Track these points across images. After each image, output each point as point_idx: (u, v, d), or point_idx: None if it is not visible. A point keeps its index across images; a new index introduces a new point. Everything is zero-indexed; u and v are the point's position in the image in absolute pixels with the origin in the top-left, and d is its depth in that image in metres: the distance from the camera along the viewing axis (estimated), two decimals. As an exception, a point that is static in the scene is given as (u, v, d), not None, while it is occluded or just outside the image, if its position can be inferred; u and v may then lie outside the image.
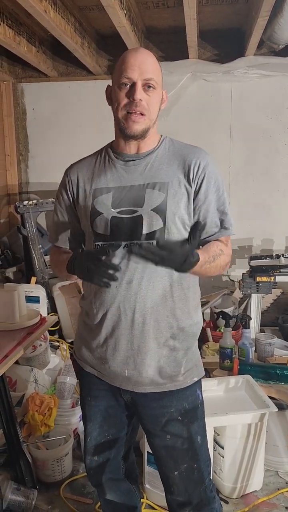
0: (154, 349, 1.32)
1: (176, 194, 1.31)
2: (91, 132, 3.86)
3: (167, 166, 1.34)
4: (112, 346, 1.35)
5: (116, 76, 1.32)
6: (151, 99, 1.30)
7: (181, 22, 3.02)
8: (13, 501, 1.96)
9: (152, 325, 1.31)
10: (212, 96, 3.80)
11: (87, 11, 3.24)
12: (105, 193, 1.35)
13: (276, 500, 2.08)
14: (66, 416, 2.42)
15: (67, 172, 1.47)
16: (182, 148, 1.38)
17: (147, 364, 1.33)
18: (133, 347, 1.32)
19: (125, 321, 1.32)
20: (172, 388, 1.35)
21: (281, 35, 3.13)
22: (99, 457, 1.52)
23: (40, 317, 2.08)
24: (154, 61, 1.32)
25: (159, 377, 1.34)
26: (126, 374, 1.35)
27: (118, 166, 1.37)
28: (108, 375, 1.39)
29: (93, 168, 1.41)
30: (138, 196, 1.31)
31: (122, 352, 1.34)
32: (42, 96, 4.02)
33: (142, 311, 1.31)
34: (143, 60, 1.29)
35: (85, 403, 1.51)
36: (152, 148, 1.37)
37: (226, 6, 3.18)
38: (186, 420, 1.37)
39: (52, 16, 2.69)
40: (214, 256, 1.31)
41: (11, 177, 4.09)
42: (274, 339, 2.76)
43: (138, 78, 1.28)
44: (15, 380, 2.49)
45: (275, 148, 3.80)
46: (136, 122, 1.29)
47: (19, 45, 3.16)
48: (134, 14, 3.18)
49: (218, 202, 1.36)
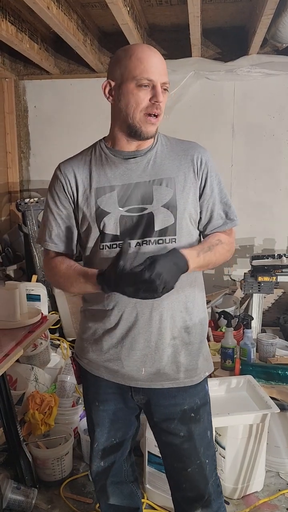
0: (170, 345, 1.34)
1: (184, 189, 1.32)
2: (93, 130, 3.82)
3: (170, 162, 1.34)
4: (128, 345, 1.33)
5: (129, 73, 1.24)
6: (163, 102, 1.29)
7: (184, 20, 3.00)
8: (13, 500, 1.95)
9: (168, 321, 1.33)
10: (214, 95, 3.78)
11: (90, 8, 3.22)
12: (108, 192, 1.32)
13: (277, 501, 2.07)
14: (67, 415, 2.41)
15: (62, 171, 1.37)
16: (179, 144, 1.39)
17: (164, 360, 1.34)
18: (150, 345, 1.33)
19: (142, 320, 1.31)
20: (189, 384, 1.36)
21: (285, 34, 3.11)
22: (105, 462, 1.50)
23: (41, 316, 2.07)
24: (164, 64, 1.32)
25: (176, 372, 1.35)
26: (143, 372, 1.34)
27: (118, 164, 1.33)
28: (122, 376, 1.36)
29: (89, 166, 1.36)
30: (146, 193, 1.31)
31: (139, 350, 1.33)
32: (44, 93, 4.00)
33: (159, 309, 1.31)
34: (159, 61, 1.27)
35: (91, 408, 1.47)
36: (150, 145, 1.36)
37: (229, 4, 3.16)
38: (198, 416, 1.39)
39: (55, 12, 2.67)
40: (209, 247, 1.33)
41: (12, 174, 4.08)
42: (275, 339, 2.74)
43: (158, 80, 1.25)
44: (16, 378, 2.48)
45: (277, 148, 3.78)
46: (153, 125, 1.29)
47: (21, 42, 3.14)
48: (137, 12, 3.16)
49: (221, 194, 1.39)
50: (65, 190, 1.36)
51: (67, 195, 1.37)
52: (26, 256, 3.38)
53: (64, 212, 1.38)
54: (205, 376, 1.41)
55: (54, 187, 1.38)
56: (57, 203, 1.38)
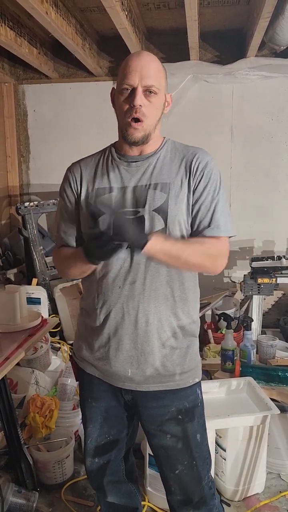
0: (157, 348, 1.34)
1: (178, 195, 1.32)
2: (92, 133, 3.87)
3: (169, 167, 1.35)
4: (115, 346, 1.35)
5: (118, 81, 1.33)
6: (152, 105, 1.30)
7: (183, 24, 3.02)
8: (14, 504, 1.95)
9: (155, 324, 1.33)
10: (213, 98, 3.80)
11: (88, 13, 3.24)
12: (107, 193, 1.36)
13: (278, 503, 2.07)
14: (67, 418, 2.41)
15: (71, 169, 1.46)
16: (183, 149, 1.39)
17: (150, 363, 1.34)
18: (137, 347, 1.34)
19: (128, 321, 1.33)
20: (174, 387, 1.37)
21: (282, 37, 3.12)
22: (99, 459, 1.52)
23: (41, 319, 2.08)
24: (157, 65, 1.32)
25: (162, 375, 1.35)
26: (129, 374, 1.35)
27: (121, 167, 1.38)
28: (110, 375, 1.39)
29: (95, 168, 1.42)
30: (141, 196, 1.33)
31: (125, 351, 1.34)
32: (43, 97, 4.02)
33: (146, 311, 1.32)
34: (145, 65, 1.28)
35: (85, 405, 1.51)
36: (154, 150, 1.38)
37: (227, 8, 3.18)
38: (186, 418, 1.39)
39: (54, 17, 2.69)
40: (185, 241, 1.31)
41: (12, 178, 4.09)
42: (275, 341, 2.75)
43: (139, 83, 1.27)
44: (16, 382, 2.48)
45: (276, 150, 3.79)
46: (136, 129, 1.30)
47: (20, 46, 3.16)
48: (135, 16, 3.18)
49: (212, 202, 1.34)
50: (71, 187, 1.44)
51: (73, 191, 1.44)
52: (26, 259, 3.39)
53: (70, 207, 1.45)
54: (194, 382, 1.41)
55: (63, 184, 1.48)
56: (65, 199, 1.47)
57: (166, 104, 1.38)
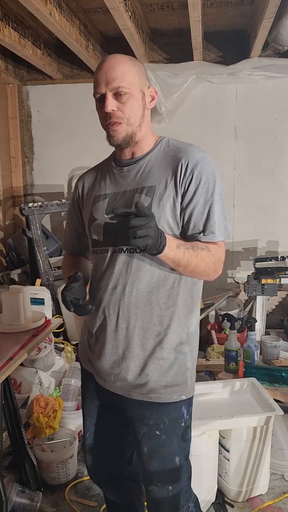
0: (139, 356, 1.30)
1: (162, 198, 1.26)
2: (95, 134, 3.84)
3: (157, 169, 1.30)
4: (99, 349, 1.36)
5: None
6: (126, 105, 1.27)
7: (186, 24, 3.02)
8: (18, 504, 1.95)
9: (136, 331, 1.29)
10: (216, 98, 3.79)
11: (92, 14, 3.24)
12: (102, 200, 1.38)
13: (282, 504, 2.06)
14: (71, 418, 2.42)
15: (76, 182, 1.53)
16: (175, 148, 1.33)
17: (131, 370, 1.31)
18: (118, 352, 1.32)
19: (110, 325, 1.32)
20: (156, 400, 1.30)
21: (286, 37, 3.12)
22: (98, 454, 1.53)
23: (45, 319, 2.08)
24: (123, 65, 1.27)
25: (143, 385, 1.30)
26: (112, 378, 1.35)
27: (115, 173, 1.38)
28: (98, 375, 1.41)
29: (96, 176, 1.46)
30: (128, 201, 1.31)
31: (108, 356, 1.34)
32: (47, 98, 4.03)
33: (126, 317, 1.29)
34: (109, 68, 1.26)
35: (84, 400, 1.54)
36: (146, 152, 1.35)
37: (230, 8, 3.17)
38: (164, 436, 1.31)
39: (57, 18, 2.69)
40: (193, 247, 1.22)
41: (16, 179, 4.10)
42: (279, 341, 2.74)
43: (106, 89, 1.26)
44: (20, 382, 2.49)
45: (280, 150, 3.78)
46: (115, 131, 1.29)
47: (24, 47, 3.17)
48: (138, 16, 3.18)
49: (205, 205, 1.26)
50: (76, 198, 1.52)
51: (76, 202, 1.51)
52: (30, 260, 3.39)
53: (75, 217, 1.53)
54: (179, 399, 1.31)
55: (72, 195, 1.56)
56: (71, 209, 1.54)
57: (149, 99, 1.33)
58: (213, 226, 1.26)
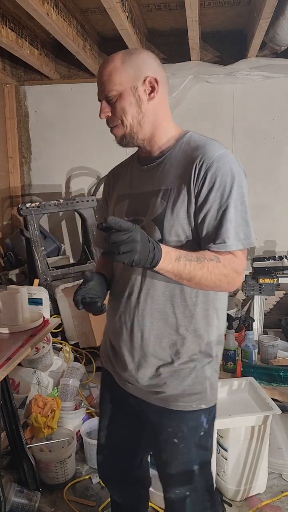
0: (155, 364, 1.27)
1: (176, 204, 1.18)
2: (93, 134, 3.87)
3: (175, 170, 1.21)
4: (117, 354, 1.34)
5: None
6: (116, 108, 1.23)
7: (183, 24, 3.02)
8: (16, 504, 1.95)
9: (151, 340, 1.25)
10: (214, 98, 3.80)
11: (89, 14, 3.24)
12: (123, 200, 1.33)
13: (280, 503, 2.07)
14: (69, 418, 2.42)
15: (107, 175, 1.47)
16: (193, 146, 1.21)
17: (148, 377, 1.28)
18: (134, 360, 1.29)
19: (125, 332, 1.29)
20: (174, 408, 1.26)
21: (283, 37, 3.12)
22: (109, 454, 1.52)
23: (42, 319, 2.08)
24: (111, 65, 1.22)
25: (161, 392, 1.27)
26: (130, 383, 1.33)
27: (138, 171, 1.33)
28: (118, 376, 1.38)
29: (122, 172, 1.40)
30: (144, 204, 1.25)
31: (125, 362, 1.31)
32: (44, 98, 4.03)
33: (140, 325, 1.26)
34: (99, 75, 1.25)
35: (101, 399, 1.51)
36: (165, 149, 1.27)
37: (228, 8, 3.18)
38: (182, 445, 1.27)
39: (54, 18, 2.69)
40: (199, 258, 1.11)
41: (14, 179, 4.10)
42: (277, 341, 2.75)
43: (101, 96, 1.26)
44: (18, 382, 2.49)
45: (277, 150, 3.79)
46: (114, 134, 1.28)
47: (21, 48, 3.17)
48: (136, 17, 3.18)
49: (219, 211, 1.15)
50: (105, 192, 1.47)
51: (106, 197, 1.46)
52: (28, 260, 3.39)
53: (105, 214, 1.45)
54: (199, 407, 1.26)
55: (103, 189, 1.49)
56: (102, 204, 1.48)
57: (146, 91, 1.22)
58: (226, 233, 1.14)
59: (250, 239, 1.18)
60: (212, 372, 1.29)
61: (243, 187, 1.20)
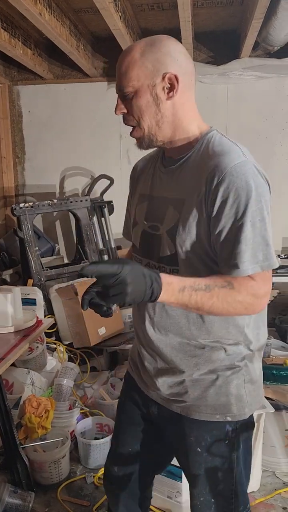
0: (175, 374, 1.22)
1: (189, 217, 1.08)
2: (87, 134, 3.87)
3: (190, 178, 1.11)
4: (141, 360, 1.31)
5: None
6: (132, 106, 1.12)
7: (176, 24, 3.03)
8: (10, 504, 1.95)
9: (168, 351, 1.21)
10: (207, 98, 3.81)
11: (82, 14, 3.24)
12: (144, 202, 1.26)
13: (274, 501, 2.08)
14: (63, 418, 2.42)
15: (135, 165, 1.37)
16: (211, 152, 1.09)
17: (169, 386, 1.23)
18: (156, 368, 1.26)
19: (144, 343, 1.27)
20: (196, 417, 1.20)
21: (275, 37, 3.14)
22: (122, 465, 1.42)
23: (36, 319, 2.08)
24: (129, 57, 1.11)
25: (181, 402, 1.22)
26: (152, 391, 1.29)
27: (159, 172, 1.23)
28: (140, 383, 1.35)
29: (147, 168, 1.30)
30: (161, 211, 1.16)
31: (147, 370, 1.28)
32: (38, 98, 4.02)
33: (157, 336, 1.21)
34: (118, 66, 1.13)
35: (120, 405, 1.45)
36: (184, 151, 1.16)
37: (221, 8, 3.19)
38: (205, 454, 1.21)
39: (47, 18, 2.69)
40: (207, 286, 1.03)
41: (7, 179, 4.09)
42: (270, 339, 2.76)
43: (117, 90, 1.14)
44: (12, 382, 2.48)
45: (271, 150, 3.81)
46: (134, 135, 1.17)
47: (14, 47, 3.16)
48: (129, 17, 3.19)
49: (232, 230, 1.03)
50: (131, 184, 1.38)
51: (131, 191, 1.37)
52: (22, 260, 3.38)
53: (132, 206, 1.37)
54: (224, 419, 1.18)
55: (130, 181, 1.39)
56: (129, 197, 1.38)
57: (164, 90, 1.11)
58: (240, 257, 1.02)
59: (270, 261, 1.05)
60: (240, 383, 1.19)
61: (262, 201, 1.06)
